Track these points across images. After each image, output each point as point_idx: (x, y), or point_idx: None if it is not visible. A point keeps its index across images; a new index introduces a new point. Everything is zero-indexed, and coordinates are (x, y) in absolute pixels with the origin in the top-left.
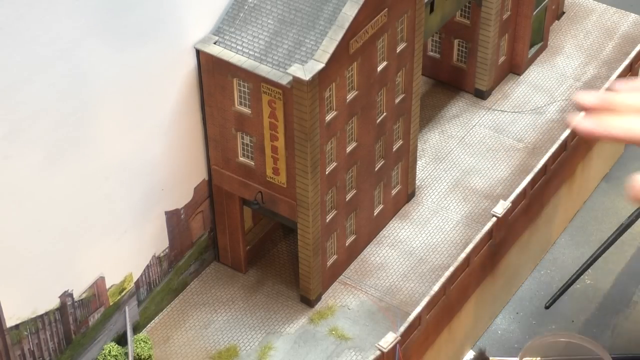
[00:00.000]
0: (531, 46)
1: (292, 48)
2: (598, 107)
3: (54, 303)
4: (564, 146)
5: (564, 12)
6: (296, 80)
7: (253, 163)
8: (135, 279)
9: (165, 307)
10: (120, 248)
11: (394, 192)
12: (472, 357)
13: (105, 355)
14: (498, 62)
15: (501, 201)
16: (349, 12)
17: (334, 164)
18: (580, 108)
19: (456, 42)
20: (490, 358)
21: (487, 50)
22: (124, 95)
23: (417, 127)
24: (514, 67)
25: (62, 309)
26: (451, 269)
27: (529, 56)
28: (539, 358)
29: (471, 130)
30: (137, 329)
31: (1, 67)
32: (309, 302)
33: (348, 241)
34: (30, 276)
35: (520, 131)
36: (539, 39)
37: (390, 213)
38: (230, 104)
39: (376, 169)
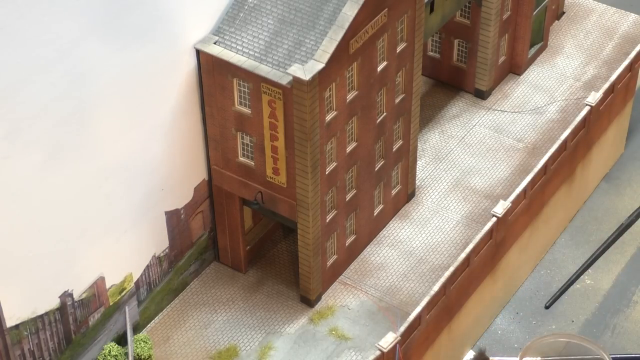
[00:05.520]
0: (531, 46)
1: (292, 48)
2: None
3: (54, 303)
4: (564, 146)
5: (564, 12)
6: (296, 80)
7: (253, 163)
8: (135, 279)
9: (165, 307)
10: (120, 248)
11: (394, 192)
12: (472, 357)
13: (105, 355)
14: (498, 62)
15: (501, 201)
16: (349, 12)
17: (334, 164)
18: None
19: (456, 42)
20: (490, 358)
21: (487, 50)
22: (123, 95)
23: (417, 127)
24: (514, 67)
25: (62, 309)
26: (451, 269)
27: (529, 56)
28: (539, 358)
29: (471, 130)
30: (137, 329)
31: (1, 67)
32: (309, 302)
33: (348, 241)
34: (30, 276)
35: (520, 131)
36: (539, 39)
37: (390, 213)
38: (230, 104)
39: (376, 169)
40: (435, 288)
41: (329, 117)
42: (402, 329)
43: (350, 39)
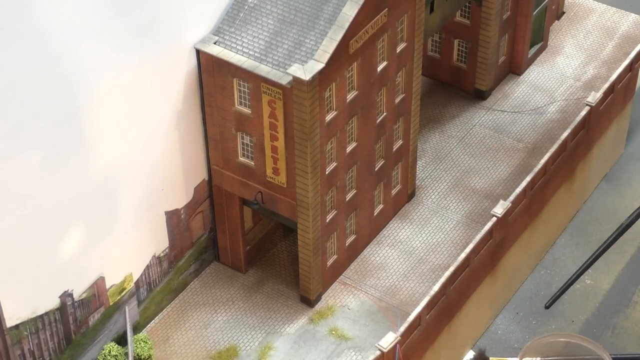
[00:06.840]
0: (531, 46)
1: (292, 48)
2: None
3: (54, 303)
4: (564, 146)
5: (564, 12)
6: (296, 80)
7: (253, 163)
8: (135, 279)
9: (165, 307)
10: (120, 248)
11: (394, 192)
12: (472, 357)
13: (105, 355)
14: (498, 62)
15: (501, 201)
16: (349, 12)
17: (334, 164)
18: None
19: (456, 42)
20: (490, 358)
21: (487, 50)
22: (123, 96)
23: (417, 127)
24: (514, 67)
25: (62, 309)
26: (451, 269)
27: (529, 56)
28: (539, 358)
29: (471, 130)
30: (137, 329)
31: (1, 67)
32: (309, 302)
33: (348, 241)
34: (30, 276)
35: (520, 131)
36: (539, 39)
37: (391, 213)
38: (230, 104)
39: (376, 169)
40: (435, 288)
41: (329, 117)
42: (402, 329)
43: (350, 39)
